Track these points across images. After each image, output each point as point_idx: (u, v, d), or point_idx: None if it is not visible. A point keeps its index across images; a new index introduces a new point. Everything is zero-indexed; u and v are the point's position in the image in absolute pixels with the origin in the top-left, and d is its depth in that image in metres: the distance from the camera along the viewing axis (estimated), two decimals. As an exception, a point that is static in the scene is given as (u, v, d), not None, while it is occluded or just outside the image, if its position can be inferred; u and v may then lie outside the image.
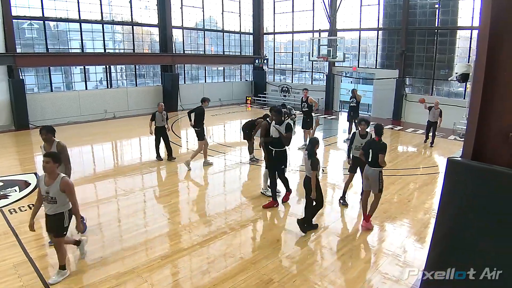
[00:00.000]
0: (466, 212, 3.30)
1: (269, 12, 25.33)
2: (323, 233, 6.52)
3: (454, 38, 17.72)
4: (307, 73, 24.58)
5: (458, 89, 17.59)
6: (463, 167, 3.38)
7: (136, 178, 9.60)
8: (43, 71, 17.19)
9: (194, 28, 22.96)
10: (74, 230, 5.18)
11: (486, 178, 3.19)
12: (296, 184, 9.05)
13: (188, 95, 21.61)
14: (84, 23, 17.62)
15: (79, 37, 17.60)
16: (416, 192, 8.69)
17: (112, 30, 19.67)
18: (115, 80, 20.06)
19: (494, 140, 3.25)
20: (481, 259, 3.07)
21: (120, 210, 7.51)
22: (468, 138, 3.40)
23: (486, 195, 3.16)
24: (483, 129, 3.28)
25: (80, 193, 8.29)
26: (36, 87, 17.49)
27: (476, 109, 3.28)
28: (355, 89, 14.14)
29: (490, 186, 3.15)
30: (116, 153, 12.55)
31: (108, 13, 18.66)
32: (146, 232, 6.44)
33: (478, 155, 3.32)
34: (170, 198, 8.16)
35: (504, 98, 3.16)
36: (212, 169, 10.37)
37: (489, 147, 3.29)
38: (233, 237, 6.37)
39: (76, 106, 17.37)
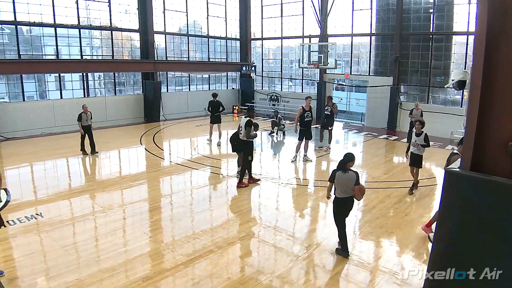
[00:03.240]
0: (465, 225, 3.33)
1: (257, 17, 25.53)
2: (316, 251, 6.50)
3: (450, 43, 18.05)
4: (297, 80, 24.74)
5: (455, 97, 17.88)
6: (461, 178, 3.41)
7: (115, 193, 9.49)
8: (14, 79, 16.99)
9: (178, 34, 23.00)
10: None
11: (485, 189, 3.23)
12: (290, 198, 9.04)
13: (171, 104, 21.58)
14: (60, 28, 17.50)
15: (54, 43, 17.49)
16: (413, 205, 8.75)
17: (90, 35, 19.58)
18: (92, 89, 19.92)
19: (493, 149, 3.28)
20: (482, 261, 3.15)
21: (97, 228, 7.39)
22: (466, 148, 3.44)
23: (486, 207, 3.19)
24: (482, 138, 3.32)
25: (54, 210, 8.22)
26: (7, 96, 17.29)
27: (474, 117, 3.32)
28: (330, 96, 14.36)
29: (490, 198, 3.18)
30: (94, 167, 12.40)
31: (85, 17, 18.57)
32: (126, 252, 6.34)
33: (477, 166, 3.36)
34: (152, 215, 8.08)
35: (503, 106, 3.20)
36: (197, 183, 10.33)
37: (488, 157, 3.33)
38: (220, 256, 6.31)
39: (50, 116, 17.16)
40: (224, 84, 25.98)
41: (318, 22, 21.11)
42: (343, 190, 6.12)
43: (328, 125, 14.10)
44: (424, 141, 9.23)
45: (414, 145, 9.31)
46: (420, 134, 9.26)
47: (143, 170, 11.88)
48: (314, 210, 8.62)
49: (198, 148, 14.93)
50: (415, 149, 9.34)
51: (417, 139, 9.26)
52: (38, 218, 7.43)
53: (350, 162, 6.09)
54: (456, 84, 9.87)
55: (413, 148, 9.35)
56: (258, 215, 8.33)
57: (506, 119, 3.21)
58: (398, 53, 18.81)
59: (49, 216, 7.67)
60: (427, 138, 9.26)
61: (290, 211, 8.51)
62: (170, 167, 12.04)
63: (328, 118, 14.05)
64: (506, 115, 3.20)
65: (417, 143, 9.28)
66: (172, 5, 21.95)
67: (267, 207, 8.71)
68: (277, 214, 8.38)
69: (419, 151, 9.29)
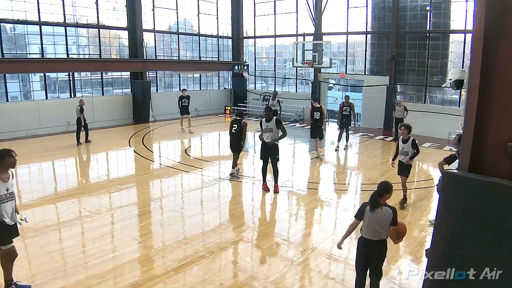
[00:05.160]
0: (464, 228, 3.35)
1: (249, 15, 25.57)
2: (311, 255, 6.51)
3: (447, 42, 18.20)
4: (291, 80, 24.79)
5: (453, 97, 18.02)
6: (460, 180, 3.43)
7: (103, 197, 9.43)
8: (-3, 79, 16.87)
9: (167, 32, 22.98)
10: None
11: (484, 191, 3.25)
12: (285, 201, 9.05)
13: (161, 104, 21.52)
14: (45, 26, 17.41)
15: (38, 41, 17.36)
16: (410, 208, 8.79)
17: (76, 34, 19.46)
18: (79, 89, 19.80)
19: (492, 150, 3.30)
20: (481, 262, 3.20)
21: (84, 233, 7.34)
22: (465, 149, 3.45)
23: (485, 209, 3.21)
24: (480, 139, 3.33)
25: (40, 214, 8.15)
26: (-10, 96, 17.15)
27: (472, 117, 3.33)
28: (348, 96, 14.51)
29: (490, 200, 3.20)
30: (81, 170, 12.33)
31: (71, 15, 18.49)
32: (114, 258, 6.30)
33: (475, 167, 3.38)
34: (142, 219, 8.04)
35: (502, 106, 3.22)
36: (188, 186, 10.30)
37: (487, 158, 3.34)
38: (212, 261, 6.29)
39: (35, 117, 17.03)
40: (216, 84, 25.96)
41: (312, 20, 21.15)
42: (373, 231, 4.73)
43: (348, 125, 14.46)
44: (412, 148, 8.39)
45: (402, 153, 8.63)
46: (407, 140, 8.49)
47: (132, 173, 11.84)
48: (309, 213, 8.63)
49: (189, 150, 14.89)
50: (403, 157, 8.59)
51: (404, 146, 8.53)
52: (22, 224, 7.33)
53: (387, 194, 4.80)
54: (453, 84, 10.03)
55: (401, 156, 8.67)
56: (251, 219, 8.34)
57: (505, 120, 3.22)
58: (394, 51, 18.95)
59: (34, 221, 7.59)
60: (415, 145, 8.42)
61: (285, 214, 8.51)
62: (160, 170, 12.00)
63: (347, 118, 14.36)
64: (505, 115, 3.21)
65: (404, 151, 8.52)
66: (162, 2, 21.92)
67: (260, 211, 8.72)
68: (271, 217, 8.39)
69: (405, 158, 8.58)
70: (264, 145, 9.51)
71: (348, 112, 14.24)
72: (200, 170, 11.67)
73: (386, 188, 4.77)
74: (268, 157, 9.53)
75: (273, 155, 9.48)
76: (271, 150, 9.43)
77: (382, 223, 4.67)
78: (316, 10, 20.98)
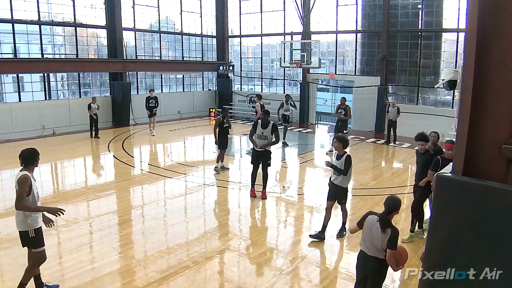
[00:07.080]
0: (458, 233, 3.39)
1: (235, 13, 25.60)
2: (301, 264, 6.52)
3: (440, 41, 18.46)
4: (278, 81, 24.87)
5: (446, 97, 18.24)
6: (453, 183, 3.46)
7: (81, 205, 9.33)
8: (-34, 81, 16.62)
9: (149, 30, 22.89)
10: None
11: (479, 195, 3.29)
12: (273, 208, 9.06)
13: (142, 107, 21.26)
14: (18, 24, 17.18)
15: (11, 40, 17.13)
16: (403, 213, 8.84)
17: (51, 32, 19.28)
18: (54, 91, 19.60)
19: (487, 153, 3.34)
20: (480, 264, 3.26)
21: (61, 244, 7.27)
22: (458, 151, 3.49)
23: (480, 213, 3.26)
24: (474, 141, 3.37)
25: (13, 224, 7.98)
26: (-42, 99, 16.88)
27: (465, 119, 3.37)
28: (344, 98, 14.65)
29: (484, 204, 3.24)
30: (56, 176, 12.19)
31: (46, 13, 18.30)
32: (93, 270, 6.24)
33: (469, 170, 3.42)
34: (122, 228, 7.98)
35: (496, 107, 3.26)
36: (171, 193, 10.25)
37: (481, 160, 3.38)
38: (196, 272, 6.26)
39: (7, 121, 16.77)
40: (200, 86, 25.89)
41: (301, 19, 21.26)
42: (369, 246, 4.57)
43: (343, 129, 14.48)
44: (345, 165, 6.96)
45: (334, 173, 7.24)
46: (342, 156, 7.07)
47: (112, 179, 11.74)
48: (298, 220, 8.64)
49: (171, 155, 14.82)
50: (335, 177, 7.22)
51: (337, 163, 7.07)
52: (-5, 234, 7.25)
53: (395, 212, 4.52)
54: (446, 84, 10.17)
55: (333, 176, 7.31)
56: (238, 227, 8.32)
57: (499, 121, 3.26)
58: (385, 51, 19.10)
59: (7, 232, 7.47)
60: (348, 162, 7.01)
61: (273, 221, 8.52)
62: (141, 176, 11.92)
63: (342, 121, 14.50)
64: (499, 117, 3.25)
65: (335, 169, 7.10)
66: (143, -1, 21.83)
67: (248, 218, 8.71)
68: (258, 225, 8.39)
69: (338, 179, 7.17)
70: (255, 150, 9.54)
71: (343, 115, 14.36)
72: (183, 175, 11.62)
73: (396, 203, 4.48)
74: (259, 162, 9.55)
75: (265, 160, 9.50)
76: (263, 155, 9.45)
77: (376, 242, 4.44)
78: (305, 8, 21.10)
